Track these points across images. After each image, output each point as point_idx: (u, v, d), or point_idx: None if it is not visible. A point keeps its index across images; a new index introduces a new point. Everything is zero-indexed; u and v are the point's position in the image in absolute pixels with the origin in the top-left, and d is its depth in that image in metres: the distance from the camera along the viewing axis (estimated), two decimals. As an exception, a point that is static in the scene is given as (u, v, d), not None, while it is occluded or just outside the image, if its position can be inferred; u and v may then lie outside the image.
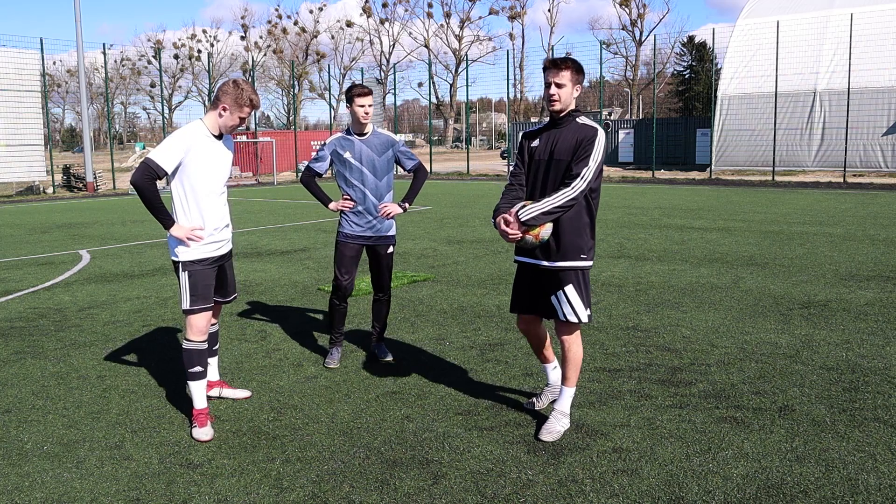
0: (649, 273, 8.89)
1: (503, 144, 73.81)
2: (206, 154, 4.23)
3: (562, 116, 4.06)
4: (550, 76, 3.99)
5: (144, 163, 4.11)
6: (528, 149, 4.17)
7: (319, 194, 5.52)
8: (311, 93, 77.61)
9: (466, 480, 3.62)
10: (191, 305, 4.31)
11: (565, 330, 4.13)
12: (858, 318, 6.56)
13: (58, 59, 77.68)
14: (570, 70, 3.99)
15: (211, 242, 4.34)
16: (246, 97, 4.20)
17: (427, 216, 16.16)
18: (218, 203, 4.36)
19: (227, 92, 4.20)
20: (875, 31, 27.09)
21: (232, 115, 4.22)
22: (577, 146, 3.96)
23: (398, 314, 7.03)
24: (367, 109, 5.27)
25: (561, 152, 4.00)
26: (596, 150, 3.93)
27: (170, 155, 4.13)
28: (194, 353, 4.33)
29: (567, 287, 4.05)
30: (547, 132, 4.12)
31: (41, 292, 8.45)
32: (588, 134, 3.96)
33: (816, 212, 15.85)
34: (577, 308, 4.07)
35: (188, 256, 4.28)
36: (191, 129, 4.24)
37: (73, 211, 19.56)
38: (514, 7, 76.32)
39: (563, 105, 4.01)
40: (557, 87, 3.98)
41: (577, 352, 4.16)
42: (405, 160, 5.56)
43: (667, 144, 35.94)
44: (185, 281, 4.29)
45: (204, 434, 4.19)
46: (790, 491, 3.45)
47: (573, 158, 3.95)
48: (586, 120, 4.07)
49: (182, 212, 4.27)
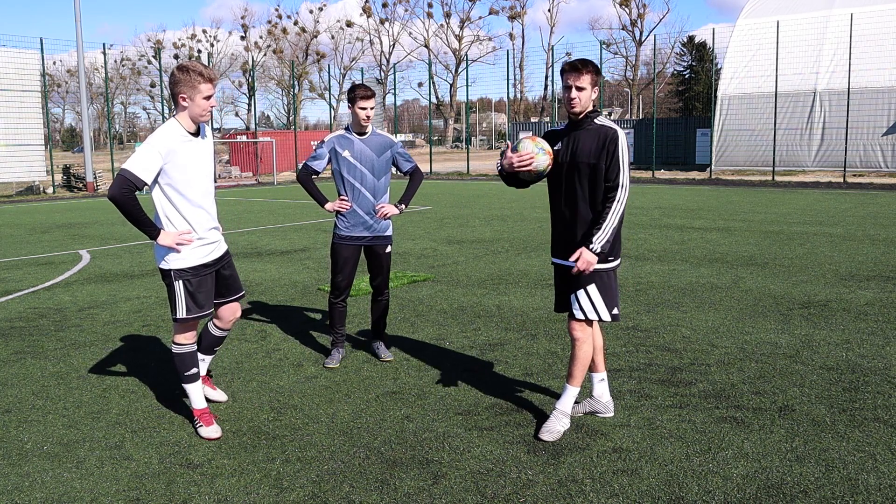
0: (649, 273, 8.89)
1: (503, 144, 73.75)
2: (186, 155, 4.01)
3: (581, 118, 4.10)
4: (571, 79, 4.01)
5: (121, 175, 3.85)
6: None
7: (316, 194, 5.48)
8: (311, 93, 77.63)
9: (466, 480, 3.62)
10: (187, 315, 4.15)
11: (578, 328, 4.14)
12: (858, 318, 6.56)
13: (58, 59, 77.72)
14: (591, 73, 4.01)
15: (203, 246, 4.15)
16: (195, 74, 3.94)
17: (427, 216, 16.16)
18: (204, 204, 4.14)
19: (177, 81, 3.95)
20: (875, 31, 27.09)
21: (194, 100, 3.97)
22: (600, 149, 3.99)
23: (398, 314, 7.03)
24: (368, 112, 5.28)
25: (582, 154, 4.05)
26: (622, 152, 3.98)
27: (147, 164, 3.89)
28: (186, 356, 4.25)
29: (590, 287, 4.08)
30: (567, 135, 4.17)
31: (41, 292, 8.45)
32: (609, 135, 4.00)
33: (816, 212, 15.85)
34: (599, 306, 4.10)
35: (180, 264, 4.09)
36: (166, 132, 3.99)
37: (73, 211, 19.56)
38: (514, 7, 76.33)
39: (582, 108, 4.05)
40: (578, 91, 4.01)
41: (588, 351, 4.16)
42: (402, 162, 5.58)
43: (667, 144, 35.94)
44: (181, 289, 4.10)
45: (213, 432, 4.16)
46: (790, 491, 3.45)
47: (600, 162, 3.98)
48: (604, 120, 4.10)
49: (166, 219, 4.06)
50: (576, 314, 4.12)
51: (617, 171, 3.98)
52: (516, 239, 12.25)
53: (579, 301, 4.11)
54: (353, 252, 5.48)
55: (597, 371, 4.39)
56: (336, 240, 5.47)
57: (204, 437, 4.17)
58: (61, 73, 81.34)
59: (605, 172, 4.00)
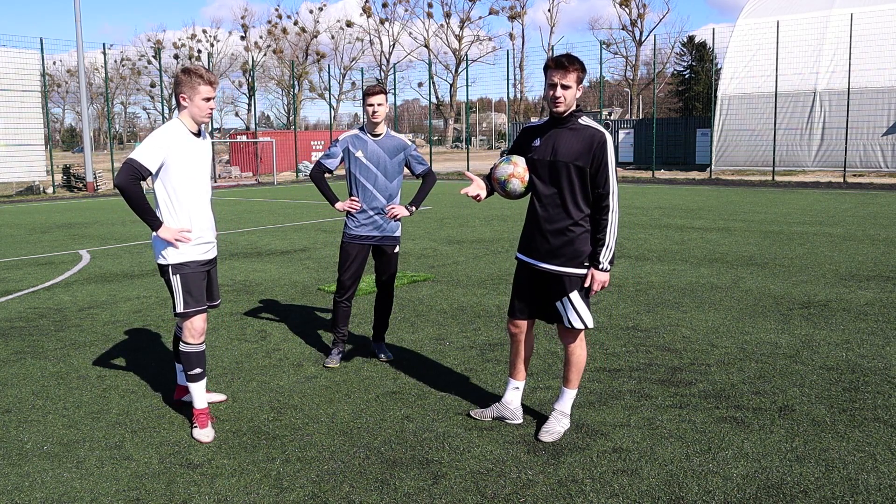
0: (649, 273, 8.89)
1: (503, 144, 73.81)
2: (187, 153, 4.18)
3: (564, 117, 3.98)
4: (557, 77, 3.85)
5: (128, 163, 4.03)
6: (527, 145, 4.12)
7: (327, 192, 5.53)
8: (311, 93, 77.59)
9: (466, 480, 3.62)
10: (185, 308, 4.26)
11: (569, 335, 4.11)
12: (858, 318, 6.56)
13: (58, 59, 77.73)
14: (577, 72, 3.87)
15: (200, 244, 4.29)
16: (195, 76, 4.12)
17: (427, 216, 16.16)
18: (203, 203, 4.30)
19: (179, 82, 4.15)
20: (875, 31, 27.09)
21: (193, 101, 4.15)
22: (587, 152, 3.88)
23: (398, 314, 7.03)
24: (375, 108, 5.30)
25: (564, 154, 3.92)
26: (609, 156, 3.88)
27: (152, 154, 4.06)
28: (193, 355, 4.31)
29: (572, 294, 4.01)
30: (548, 132, 4.03)
31: (41, 292, 8.45)
32: (598, 139, 3.88)
33: (816, 212, 15.85)
34: (583, 314, 4.04)
35: (178, 259, 4.23)
36: (170, 128, 4.16)
37: (73, 211, 19.56)
38: (514, 7, 76.26)
39: (567, 106, 3.92)
40: (563, 89, 3.86)
41: (582, 355, 4.14)
42: (415, 164, 5.60)
43: (667, 144, 35.94)
44: (178, 284, 4.23)
45: (205, 435, 4.18)
46: (790, 491, 3.45)
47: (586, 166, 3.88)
48: (588, 121, 3.98)
49: (168, 213, 4.21)
50: (566, 324, 4.06)
51: (606, 176, 3.88)
52: (516, 239, 12.22)
53: (566, 311, 4.04)
54: (361, 251, 5.49)
55: (519, 378, 4.33)
56: (345, 238, 5.49)
57: (195, 438, 4.18)
58: (61, 73, 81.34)
59: (594, 178, 3.89)
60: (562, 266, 3.99)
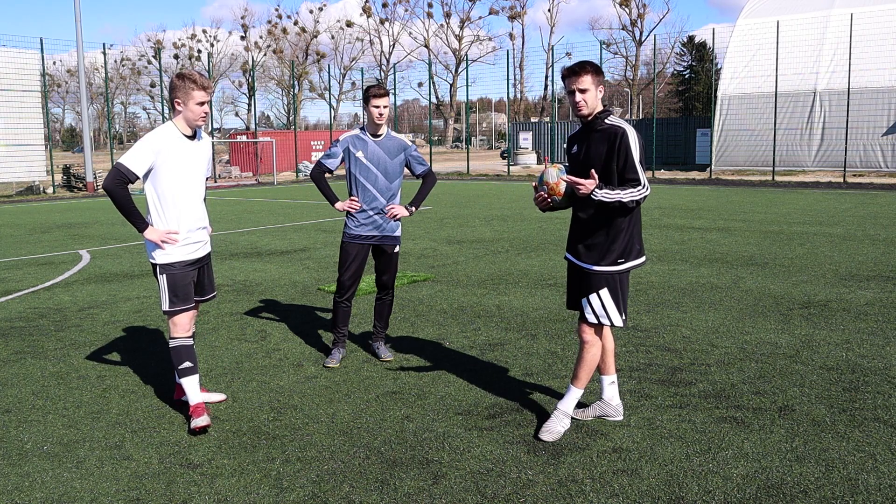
0: (649, 273, 8.89)
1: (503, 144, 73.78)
2: (178, 156, 4.26)
3: (591, 119, 4.04)
4: (572, 83, 3.96)
5: (115, 168, 4.17)
6: (569, 154, 4.22)
7: (328, 192, 5.54)
8: (311, 93, 77.62)
9: (466, 480, 3.62)
10: (169, 307, 4.38)
11: (588, 331, 4.13)
12: (858, 318, 6.56)
13: (58, 59, 77.68)
14: (590, 73, 3.95)
15: (187, 244, 4.37)
16: (188, 81, 4.22)
17: (427, 216, 16.16)
18: (193, 204, 4.38)
19: (174, 87, 4.25)
20: (875, 31, 27.08)
21: (187, 105, 4.24)
22: (610, 150, 3.92)
23: (398, 314, 7.03)
24: (381, 110, 5.30)
25: (591, 157, 4.00)
26: (633, 149, 3.89)
27: (140, 159, 4.18)
28: (181, 349, 4.39)
29: (602, 291, 4.04)
30: (582, 138, 4.14)
31: (41, 292, 8.45)
32: (618, 134, 3.91)
33: (816, 212, 15.85)
34: (611, 312, 4.06)
35: (165, 259, 4.33)
36: (161, 132, 4.28)
37: (73, 211, 19.56)
38: (514, 7, 76.30)
39: (590, 109, 4.00)
40: (581, 93, 3.95)
41: (595, 354, 4.15)
42: (416, 165, 5.61)
43: (667, 144, 35.97)
44: (164, 283, 4.35)
45: (202, 420, 4.20)
46: (790, 491, 3.45)
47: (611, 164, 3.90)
48: (614, 119, 4.03)
49: (156, 215, 4.32)
50: (587, 318, 4.10)
51: (633, 170, 3.87)
52: (516, 239, 12.25)
53: (591, 305, 4.08)
54: (361, 251, 5.49)
55: (607, 374, 4.35)
56: (345, 238, 5.50)
57: (193, 425, 4.20)
58: (61, 73, 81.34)
59: (621, 173, 3.90)
60: (594, 265, 4.05)
